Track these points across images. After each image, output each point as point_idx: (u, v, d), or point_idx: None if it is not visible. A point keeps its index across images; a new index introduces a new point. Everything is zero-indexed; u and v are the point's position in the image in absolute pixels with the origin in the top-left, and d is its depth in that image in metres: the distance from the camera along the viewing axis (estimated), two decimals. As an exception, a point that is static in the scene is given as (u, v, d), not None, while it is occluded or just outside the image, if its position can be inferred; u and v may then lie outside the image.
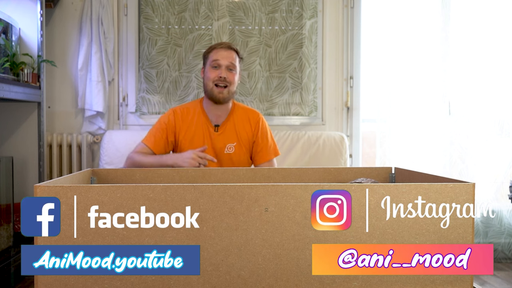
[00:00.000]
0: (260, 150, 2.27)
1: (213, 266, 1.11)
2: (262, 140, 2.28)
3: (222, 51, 2.21)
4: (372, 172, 1.65)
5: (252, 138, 2.28)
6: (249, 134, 2.27)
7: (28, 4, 2.88)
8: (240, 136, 2.25)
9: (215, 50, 2.22)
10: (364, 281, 1.12)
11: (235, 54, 2.23)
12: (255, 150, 2.28)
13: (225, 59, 2.19)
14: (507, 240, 3.34)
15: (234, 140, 2.24)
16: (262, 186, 1.11)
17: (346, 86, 3.44)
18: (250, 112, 2.32)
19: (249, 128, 2.28)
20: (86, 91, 3.24)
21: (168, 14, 3.32)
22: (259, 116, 2.32)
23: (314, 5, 3.39)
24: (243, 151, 2.25)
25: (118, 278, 1.10)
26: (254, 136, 2.28)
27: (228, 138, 2.24)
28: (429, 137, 3.34)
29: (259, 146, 2.27)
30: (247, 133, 2.27)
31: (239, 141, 2.24)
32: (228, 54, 2.20)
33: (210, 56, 2.22)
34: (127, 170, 1.62)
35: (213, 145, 2.22)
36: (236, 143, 2.24)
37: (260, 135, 2.28)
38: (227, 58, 2.19)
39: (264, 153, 2.28)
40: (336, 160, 3.20)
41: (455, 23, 3.33)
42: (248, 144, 2.27)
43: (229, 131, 2.25)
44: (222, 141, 2.23)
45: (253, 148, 2.29)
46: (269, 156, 2.29)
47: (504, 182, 3.33)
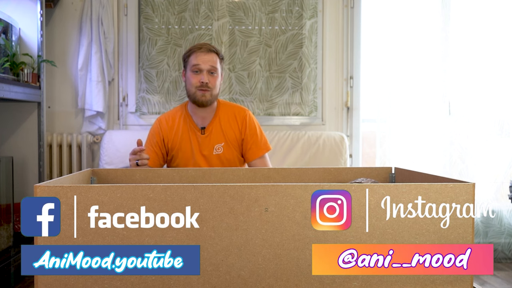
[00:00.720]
0: (250, 147, 2.25)
1: (213, 266, 1.11)
2: (252, 137, 2.26)
3: (202, 55, 2.17)
4: (372, 172, 1.65)
5: (240, 136, 2.26)
6: (237, 133, 2.25)
7: (28, 4, 2.88)
8: (228, 136, 2.24)
9: (194, 54, 2.18)
10: (364, 281, 1.12)
11: (215, 56, 2.20)
12: (245, 148, 2.26)
13: (205, 63, 2.17)
14: (507, 240, 3.34)
15: (221, 141, 2.23)
16: (262, 186, 1.11)
17: (346, 86, 3.44)
18: (237, 110, 2.29)
19: (236, 126, 2.26)
20: (86, 91, 3.24)
21: (168, 14, 3.32)
22: (246, 112, 2.29)
23: (314, 5, 3.39)
24: (231, 150, 2.24)
25: (118, 278, 1.10)
26: (242, 134, 2.26)
27: (215, 139, 2.23)
28: (429, 137, 3.34)
29: (248, 143, 2.26)
30: (234, 132, 2.25)
31: (227, 141, 2.23)
32: (208, 57, 2.17)
33: (190, 60, 2.20)
34: (127, 170, 1.62)
35: (201, 147, 2.21)
36: (224, 143, 2.23)
37: (249, 132, 2.26)
38: (207, 62, 2.17)
39: (255, 149, 2.26)
40: (336, 160, 3.20)
41: (455, 23, 3.33)
42: (237, 142, 2.26)
43: (216, 132, 2.23)
44: (209, 143, 2.22)
45: (243, 146, 2.27)
46: (261, 152, 2.27)
47: (504, 182, 3.33)
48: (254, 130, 2.27)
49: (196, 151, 2.20)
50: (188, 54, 2.23)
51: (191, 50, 2.22)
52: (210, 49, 2.20)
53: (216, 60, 2.20)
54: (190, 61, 2.20)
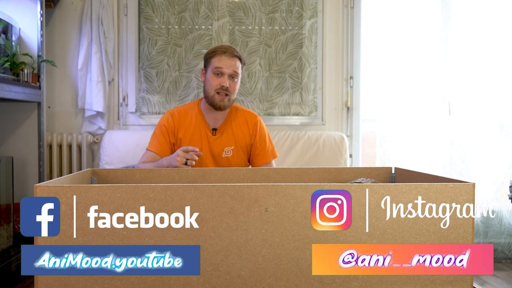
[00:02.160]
0: (258, 153, 2.26)
1: (213, 266, 1.11)
2: (260, 143, 2.27)
3: (226, 59, 2.16)
4: (372, 172, 1.65)
5: (250, 141, 2.27)
6: (247, 137, 2.26)
7: (28, 4, 2.88)
8: (238, 140, 2.24)
9: (218, 57, 2.16)
10: (364, 281, 1.11)
11: (238, 62, 2.19)
12: (253, 153, 2.27)
13: (228, 68, 2.15)
14: (507, 240, 3.34)
15: (232, 144, 2.23)
16: (262, 186, 1.11)
17: (346, 86, 3.44)
18: (248, 115, 2.30)
19: (247, 131, 2.26)
20: (86, 91, 3.24)
21: (168, 14, 3.32)
22: (257, 118, 2.30)
23: (314, 5, 3.39)
24: (240, 154, 2.24)
25: (118, 278, 1.10)
26: (252, 139, 2.27)
27: (226, 141, 2.23)
28: (429, 137, 3.34)
29: (257, 149, 2.26)
30: (245, 136, 2.26)
31: (237, 144, 2.23)
32: (231, 62, 2.16)
33: (213, 62, 2.17)
34: (127, 170, 1.62)
35: (211, 148, 2.21)
36: (234, 146, 2.23)
37: (258, 138, 2.27)
38: (230, 67, 2.16)
39: (262, 156, 2.27)
40: (336, 160, 3.20)
41: (455, 23, 3.33)
42: (246, 147, 2.26)
43: (227, 134, 2.24)
44: (219, 145, 2.22)
45: (251, 151, 2.28)
46: (268, 158, 2.28)
47: (504, 182, 3.33)
48: (263, 136, 2.29)
49: (205, 150, 2.20)
50: (211, 55, 2.20)
51: (215, 52, 2.19)
52: (234, 54, 2.18)
53: (239, 66, 2.19)
54: (212, 63, 2.18)
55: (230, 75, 2.17)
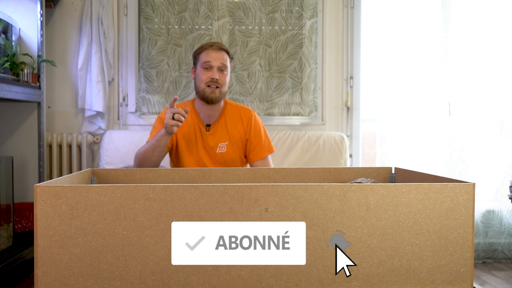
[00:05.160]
0: (254, 148, 2.27)
1: (213, 265, 1.11)
2: (256, 138, 2.28)
3: (213, 52, 2.22)
4: (372, 172, 1.65)
5: (244, 136, 2.28)
6: (241, 133, 2.28)
7: (28, 4, 2.88)
8: (232, 135, 2.26)
9: (206, 51, 2.23)
10: (364, 281, 1.11)
11: (225, 55, 2.24)
12: (249, 148, 2.28)
13: (216, 60, 2.20)
14: (507, 240, 3.33)
15: (226, 139, 2.25)
16: (262, 186, 1.11)
17: (346, 86, 3.44)
18: (242, 110, 2.32)
19: (241, 126, 2.28)
20: (86, 91, 3.24)
21: (168, 14, 3.32)
22: (251, 113, 2.32)
23: (314, 5, 3.39)
24: (235, 150, 2.26)
25: (118, 278, 1.10)
26: (247, 134, 2.28)
27: (220, 137, 2.25)
28: (429, 137, 3.34)
29: (252, 144, 2.28)
30: (239, 131, 2.27)
31: (231, 140, 2.25)
32: (219, 55, 2.21)
33: (201, 57, 2.23)
34: (127, 170, 1.62)
35: (205, 144, 2.24)
36: (228, 142, 2.25)
37: (253, 133, 2.28)
38: (218, 59, 2.21)
39: (258, 151, 2.28)
40: (336, 160, 3.20)
41: (455, 23, 3.33)
42: (241, 142, 2.27)
43: (221, 130, 2.26)
44: (214, 141, 2.24)
45: (247, 146, 2.29)
46: (264, 153, 2.29)
47: (504, 182, 3.33)
48: (258, 131, 2.30)
49: (200, 146, 2.23)
50: (199, 52, 2.26)
51: (202, 48, 2.25)
52: (221, 47, 2.24)
53: (227, 58, 2.25)
54: (201, 58, 2.24)
55: (219, 67, 2.21)
